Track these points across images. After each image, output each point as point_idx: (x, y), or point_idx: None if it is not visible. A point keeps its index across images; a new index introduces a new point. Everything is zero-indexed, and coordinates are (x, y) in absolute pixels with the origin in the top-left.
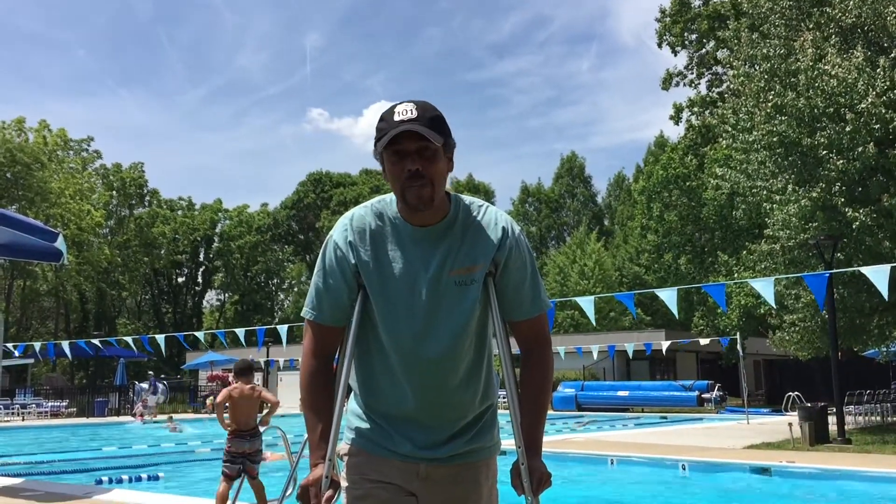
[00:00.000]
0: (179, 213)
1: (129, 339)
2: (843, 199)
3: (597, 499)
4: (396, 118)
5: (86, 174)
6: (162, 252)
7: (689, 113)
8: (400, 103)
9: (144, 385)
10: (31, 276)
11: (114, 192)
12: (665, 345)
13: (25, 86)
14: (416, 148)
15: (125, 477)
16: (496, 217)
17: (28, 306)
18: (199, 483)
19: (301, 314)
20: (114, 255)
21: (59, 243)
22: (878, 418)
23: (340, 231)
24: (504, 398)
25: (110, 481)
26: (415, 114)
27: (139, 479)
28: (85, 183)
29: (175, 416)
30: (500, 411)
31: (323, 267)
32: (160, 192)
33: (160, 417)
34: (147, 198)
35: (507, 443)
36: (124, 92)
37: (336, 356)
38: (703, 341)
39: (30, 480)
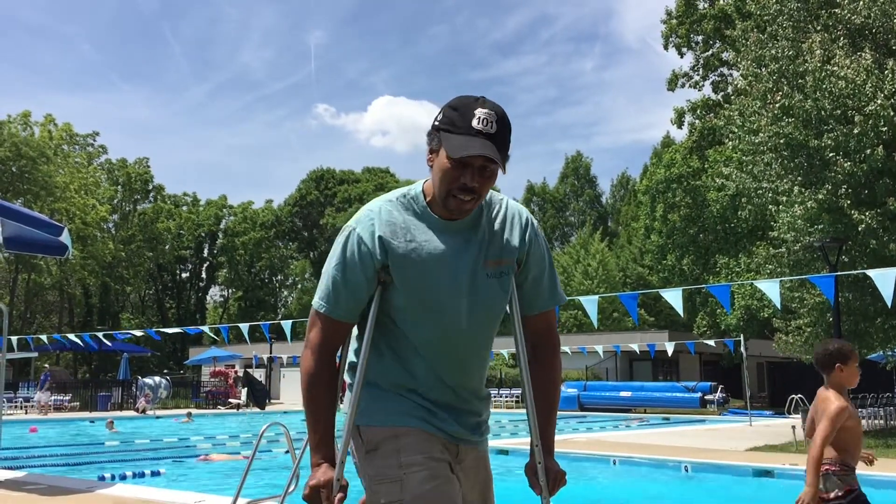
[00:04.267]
0: (184, 208)
1: (135, 332)
2: (849, 202)
3: (599, 498)
4: (475, 124)
5: (91, 169)
6: (166, 247)
7: (692, 117)
8: (481, 103)
9: (147, 380)
10: (36, 269)
11: (119, 187)
12: (669, 346)
13: (30, 79)
14: (480, 164)
15: (128, 473)
16: (518, 210)
17: (32, 300)
18: (200, 478)
19: (313, 306)
20: (118, 250)
21: (65, 237)
22: (882, 422)
23: (366, 224)
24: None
25: (113, 476)
26: (494, 128)
27: (142, 474)
28: (90, 177)
29: (178, 410)
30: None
31: (343, 260)
32: (165, 187)
33: (172, 412)
34: (152, 193)
35: (517, 442)
36: (128, 87)
37: (339, 353)
38: (709, 342)
39: (32, 474)
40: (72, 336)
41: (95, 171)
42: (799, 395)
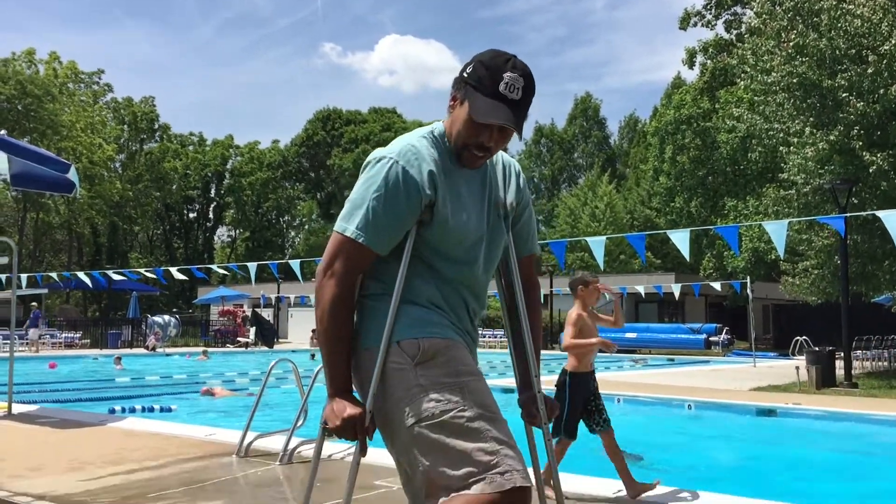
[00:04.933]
0: (190, 148)
1: (142, 271)
2: (861, 143)
3: None
4: (502, 89)
5: (97, 107)
6: (173, 187)
7: (704, 56)
8: (511, 66)
9: (157, 318)
10: (44, 208)
11: (125, 126)
12: (676, 288)
13: (34, 16)
14: (500, 126)
15: (138, 406)
16: (510, 160)
17: (41, 239)
18: (210, 413)
19: (344, 233)
20: (125, 190)
21: (72, 174)
22: (886, 364)
23: (410, 158)
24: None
25: (123, 410)
26: (519, 95)
27: (151, 409)
28: (96, 116)
29: (187, 349)
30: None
31: (384, 190)
32: (171, 126)
33: (182, 350)
34: (158, 132)
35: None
36: (133, 24)
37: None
38: (715, 285)
39: (45, 408)
40: (80, 274)
41: (101, 110)
42: (804, 337)
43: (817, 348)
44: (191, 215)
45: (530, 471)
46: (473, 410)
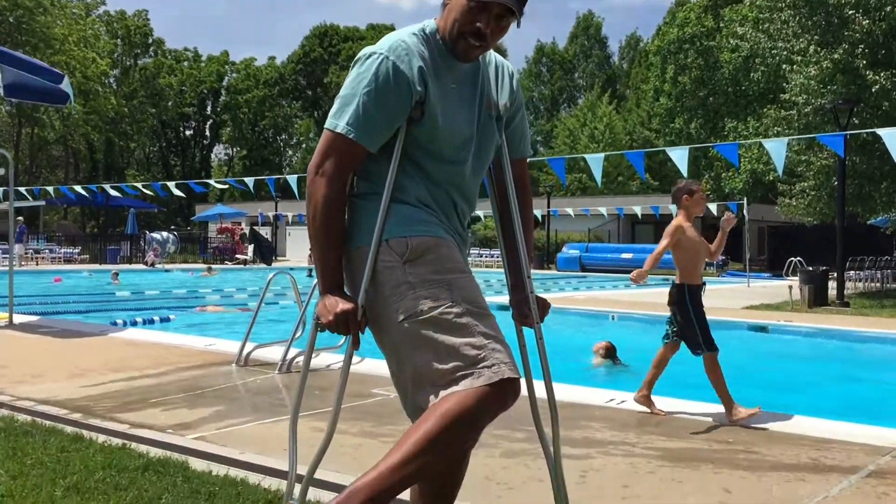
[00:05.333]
0: (185, 64)
1: (139, 186)
2: (864, 62)
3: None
4: None
5: (89, 21)
6: (169, 104)
7: None
8: None
9: (156, 235)
10: (39, 123)
11: (118, 41)
12: (673, 209)
13: None
14: (498, 12)
15: (139, 319)
16: (504, 61)
17: (37, 154)
18: (209, 325)
19: (335, 130)
20: (120, 106)
21: (65, 85)
22: (878, 284)
23: (400, 54)
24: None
25: (125, 322)
26: None
27: (151, 321)
28: (89, 30)
29: (187, 265)
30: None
31: (375, 86)
32: (165, 41)
33: (181, 266)
34: (152, 47)
35: (503, 299)
36: None
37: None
38: (711, 206)
39: (46, 318)
40: (78, 188)
41: (94, 24)
42: (798, 258)
43: (811, 268)
44: (187, 133)
45: (526, 398)
46: (461, 306)
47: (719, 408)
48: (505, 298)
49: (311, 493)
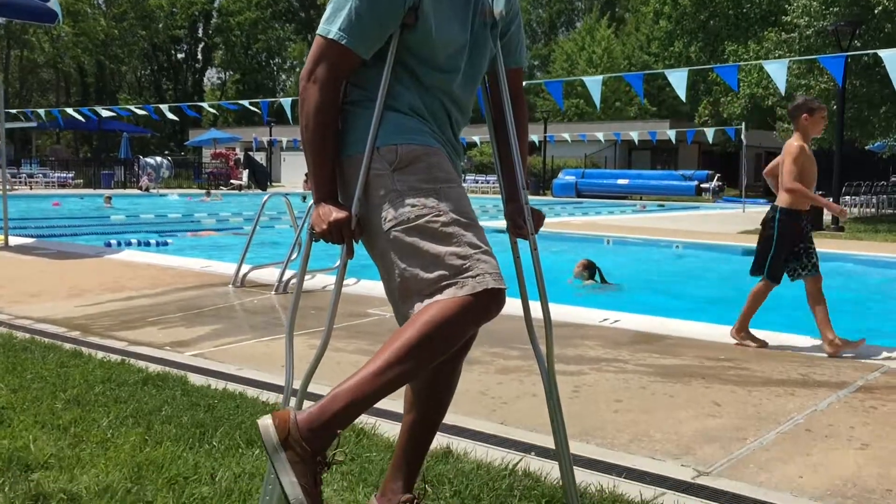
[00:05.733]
0: None
1: (132, 107)
2: None
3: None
4: None
5: None
6: (159, 26)
7: None
8: None
9: (150, 160)
10: (28, 46)
11: None
12: (671, 134)
13: None
14: None
15: (134, 241)
16: None
17: (27, 78)
18: (205, 248)
19: (327, 36)
20: (110, 28)
21: (53, 3)
22: (873, 210)
23: None
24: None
25: (119, 244)
26: None
27: (147, 243)
28: None
29: (182, 190)
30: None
31: None
32: None
33: (175, 191)
34: None
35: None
36: None
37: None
38: (708, 132)
39: (41, 240)
40: (69, 110)
41: None
42: None
43: None
44: (179, 56)
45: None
46: (448, 216)
47: (719, 328)
48: (500, 223)
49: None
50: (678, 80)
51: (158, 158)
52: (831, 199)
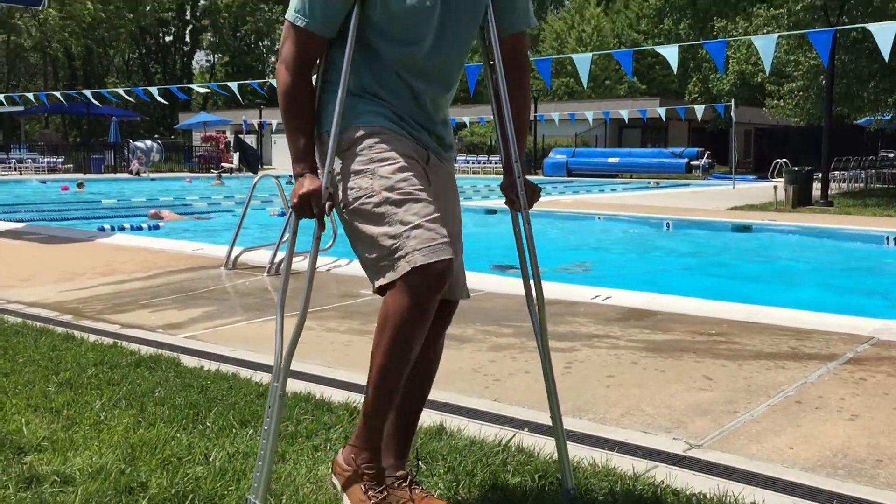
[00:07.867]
0: None
1: (121, 91)
2: None
3: (583, 247)
4: None
5: None
6: (147, 8)
7: None
8: None
9: (140, 144)
10: (15, 30)
11: None
12: (661, 111)
13: None
14: None
15: (126, 225)
16: None
17: (14, 62)
18: (197, 231)
19: (288, 19)
20: (97, 11)
21: None
22: (862, 184)
23: None
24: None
25: (112, 228)
26: None
27: (140, 228)
28: None
29: (172, 174)
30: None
31: None
32: None
33: (166, 175)
34: None
35: (493, 203)
36: None
37: (313, 72)
38: (698, 109)
39: (31, 225)
40: (58, 94)
41: None
42: (783, 160)
43: (796, 169)
44: (167, 39)
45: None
46: (380, 195)
47: (709, 303)
48: (490, 203)
49: (311, 387)
50: (669, 54)
51: (149, 142)
52: (819, 175)
